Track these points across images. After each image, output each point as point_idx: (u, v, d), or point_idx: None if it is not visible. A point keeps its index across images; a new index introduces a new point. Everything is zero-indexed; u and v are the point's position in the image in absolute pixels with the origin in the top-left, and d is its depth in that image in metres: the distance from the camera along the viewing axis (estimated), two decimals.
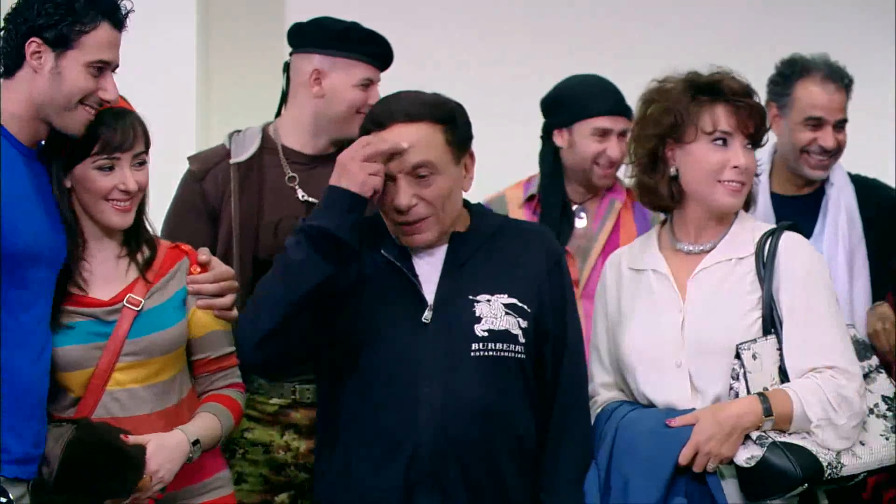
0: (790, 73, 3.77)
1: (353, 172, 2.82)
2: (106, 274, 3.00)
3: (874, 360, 3.06)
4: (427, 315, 2.89)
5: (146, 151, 3.00)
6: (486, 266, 2.94)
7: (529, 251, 2.98)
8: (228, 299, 3.10)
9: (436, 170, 2.88)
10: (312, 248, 2.81)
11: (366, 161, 2.82)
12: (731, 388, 2.92)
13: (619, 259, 3.15)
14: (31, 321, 2.85)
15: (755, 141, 3.02)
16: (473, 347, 2.87)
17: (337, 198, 2.83)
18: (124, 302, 2.97)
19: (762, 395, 2.87)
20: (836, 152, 3.77)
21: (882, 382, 3.03)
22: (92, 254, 3.00)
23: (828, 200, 3.78)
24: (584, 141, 3.84)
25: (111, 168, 2.94)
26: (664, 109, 3.01)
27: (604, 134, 3.83)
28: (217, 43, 5.38)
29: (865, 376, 3.00)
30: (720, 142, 2.99)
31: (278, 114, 3.59)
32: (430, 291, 2.91)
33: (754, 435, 2.86)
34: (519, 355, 2.90)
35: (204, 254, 3.13)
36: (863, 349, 3.06)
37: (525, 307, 2.92)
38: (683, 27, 5.57)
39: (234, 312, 3.09)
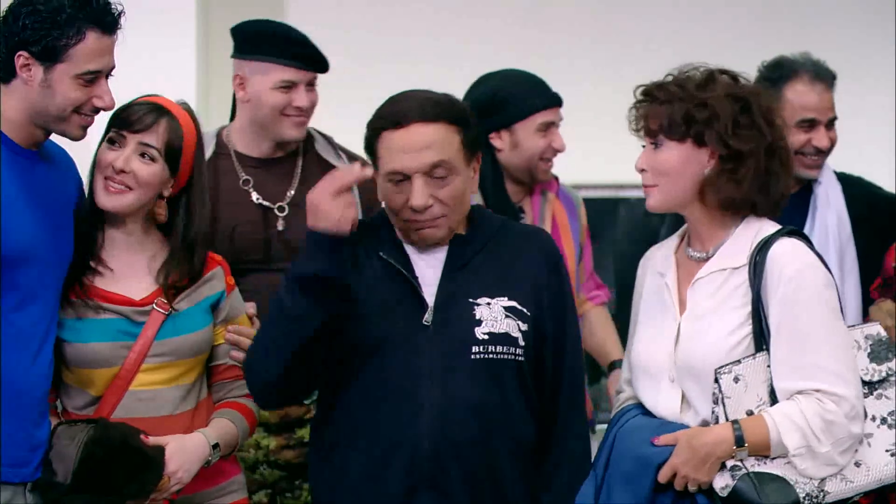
0: (777, 76, 3.71)
1: (327, 211, 2.78)
2: (135, 272, 3.00)
3: (895, 363, 2.89)
4: (427, 317, 2.88)
5: (161, 151, 2.95)
6: (486, 268, 2.93)
7: (529, 253, 2.97)
8: None
9: (452, 170, 2.87)
10: (304, 294, 2.79)
11: (336, 194, 2.79)
12: (712, 412, 2.83)
13: (647, 260, 3.08)
14: (25, 323, 2.84)
15: (675, 137, 2.86)
16: (473, 350, 2.87)
17: (317, 241, 2.79)
18: (154, 305, 2.97)
19: (736, 424, 2.77)
20: (828, 151, 3.76)
21: None
22: (113, 247, 3.00)
23: (816, 199, 3.75)
24: (530, 139, 3.74)
25: (117, 144, 2.94)
26: None
27: (547, 128, 3.76)
28: (217, 43, 5.38)
29: (883, 381, 2.86)
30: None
31: (232, 118, 3.65)
32: (430, 294, 2.90)
33: (729, 464, 2.78)
34: (518, 358, 2.90)
35: (252, 308, 3.20)
36: (885, 350, 2.89)
37: (525, 310, 2.91)
38: (682, 27, 5.57)
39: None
